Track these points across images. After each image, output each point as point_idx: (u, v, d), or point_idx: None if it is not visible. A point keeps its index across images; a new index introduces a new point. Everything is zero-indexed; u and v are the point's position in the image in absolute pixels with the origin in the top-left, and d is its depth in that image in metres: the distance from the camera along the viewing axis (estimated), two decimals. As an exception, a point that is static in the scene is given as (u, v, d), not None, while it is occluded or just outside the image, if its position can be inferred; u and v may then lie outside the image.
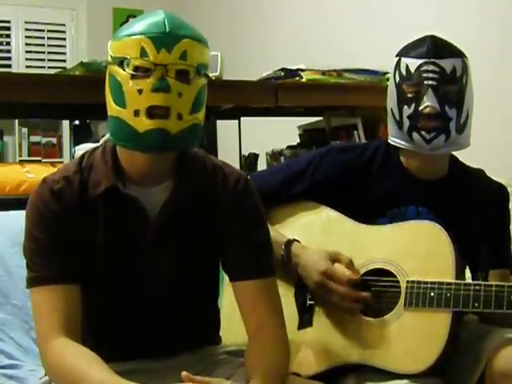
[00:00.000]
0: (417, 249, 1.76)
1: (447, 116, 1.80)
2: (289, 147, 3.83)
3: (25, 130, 6.61)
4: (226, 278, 1.70)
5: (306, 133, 3.99)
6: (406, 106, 1.83)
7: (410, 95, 1.82)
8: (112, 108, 1.53)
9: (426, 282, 1.70)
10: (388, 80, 1.94)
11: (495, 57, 3.38)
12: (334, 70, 3.49)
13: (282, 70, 3.46)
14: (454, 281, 1.69)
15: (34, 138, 6.66)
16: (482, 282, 1.69)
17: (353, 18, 4.46)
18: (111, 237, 1.56)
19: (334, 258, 1.78)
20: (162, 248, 1.58)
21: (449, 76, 1.80)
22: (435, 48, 1.82)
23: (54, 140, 6.66)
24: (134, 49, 1.47)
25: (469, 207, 1.91)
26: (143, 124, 1.47)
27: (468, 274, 1.89)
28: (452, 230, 1.75)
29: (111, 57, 1.53)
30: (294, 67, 3.45)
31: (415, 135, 1.82)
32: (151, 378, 1.57)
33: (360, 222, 1.86)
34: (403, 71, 1.84)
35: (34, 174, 3.09)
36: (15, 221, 2.13)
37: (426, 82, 1.80)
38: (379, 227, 1.85)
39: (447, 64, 1.81)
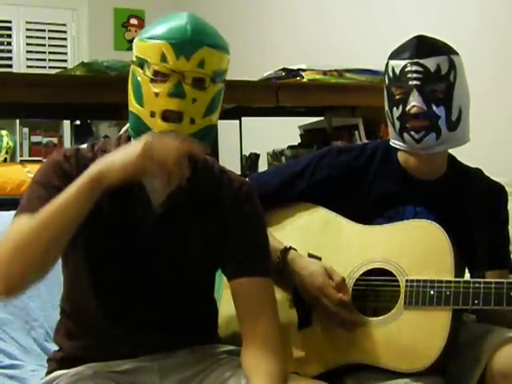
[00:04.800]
0: (415, 247, 1.76)
1: (435, 114, 1.81)
2: (290, 147, 3.84)
3: (26, 129, 6.60)
4: (225, 280, 1.71)
5: (307, 133, 4.00)
6: (395, 108, 1.84)
7: (397, 97, 1.83)
8: (132, 104, 1.58)
9: (425, 281, 1.70)
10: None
11: (496, 57, 3.38)
12: (335, 70, 3.50)
13: (283, 70, 3.47)
14: (453, 279, 1.69)
15: (35, 138, 6.65)
16: (482, 280, 1.70)
17: (354, 18, 4.46)
18: (114, 213, 1.57)
19: (328, 274, 1.78)
20: (161, 238, 1.59)
21: (434, 75, 1.80)
22: (419, 48, 1.82)
23: (55, 140, 6.65)
24: (155, 53, 1.52)
25: (467, 207, 1.91)
26: (158, 125, 1.52)
27: (467, 274, 1.90)
28: (450, 229, 1.76)
29: (135, 56, 1.58)
30: (295, 67, 3.46)
31: (406, 136, 1.83)
32: (151, 377, 1.58)
33: (358, 222, 1.86)
34: (390, 74, 1.85)
35: (35, 174, 3.08)
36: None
37: (410, 83, 1.80)
38: (377, 227, 1.85)
39: (431, 63, 1.81)
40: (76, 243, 1.55)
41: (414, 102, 1.79)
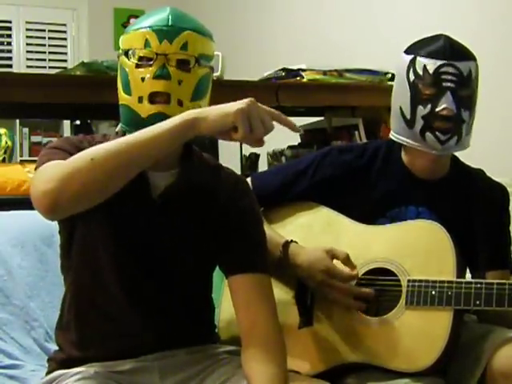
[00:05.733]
0: (417, 248, 1.77)
1: (462, 118, 1.81)
2: (290, 147, 3.83)
3: (26, 129, 6.61)
4: (226, 281, 1.70)
5: (307, 133, 3.99)
6: (421, 106, 1.81)
7: (426, 96, 1.81)
8: (121, 96, 1.62)
9: (427, 281, 1.70)
10: (389, 80, 1.93)
11: (495, 57, 3.38)
12: (335, 70, 3.49)
13: (283, 70, 3.47)
14: (454, 279, 1.70)
15: (35, 138, 6.67)
16: (483, 280, 1.70)
17: (354, 17, 4.46)
18: (116, 202, 1.53)
19: (331, 255, 1.78)
20: (160, 227, 1.60)
21: (465, 79, 1.80)
22: (453, 50, 1.81)
23: (55, 140, 6.65)
24: (140, 41, 1.58)
25: (469, 207, 1.91)
26: (146, 109, 1.56)
27: (468, 274, 1.89)
28: (452, 230, 1.76)
29: (121, 49, 1.63)
30: (295, 67, 3.45)
31: (429, 135, 1.81)
32: (152, 377, 1.58)
33: (360, 222, 1.86)
34: (419, 71, 1.82)
35: (35, 174, 3.07)
36: (16, 221, 2.14)
37: (444, 84, 1.79)
38: (379, 227, 1.85)
39: (465, 67, 1.80)
40: (79, 233, 1.57)
41: (447, 104, 1.78)
